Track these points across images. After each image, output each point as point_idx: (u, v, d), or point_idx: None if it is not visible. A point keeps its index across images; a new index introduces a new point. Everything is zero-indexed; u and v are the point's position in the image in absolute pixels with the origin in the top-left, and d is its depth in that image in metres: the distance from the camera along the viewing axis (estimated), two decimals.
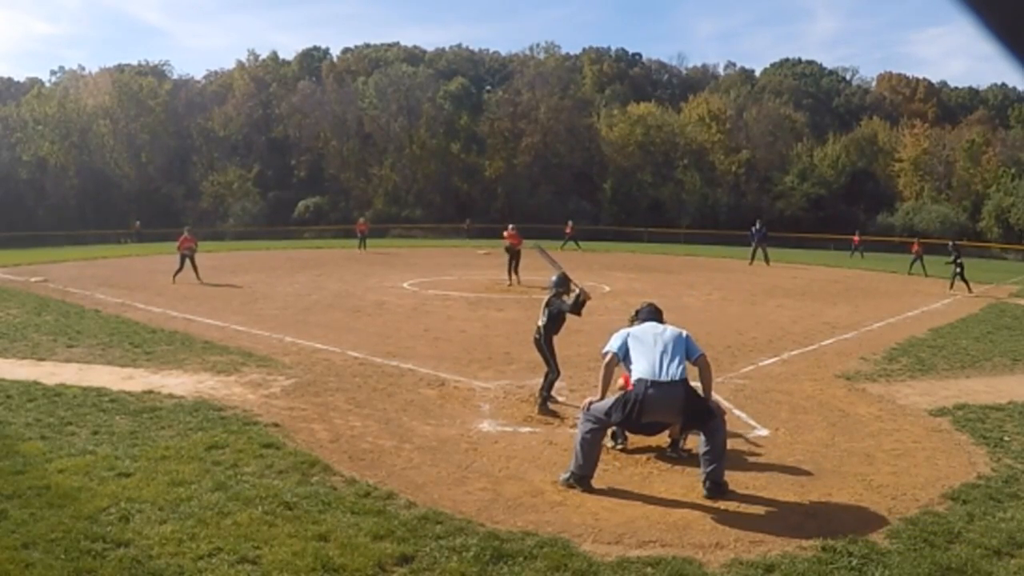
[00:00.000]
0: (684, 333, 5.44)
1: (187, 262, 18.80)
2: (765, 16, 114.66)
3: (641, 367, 5.16)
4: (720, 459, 5.08)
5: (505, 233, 19.65)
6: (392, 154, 58.03)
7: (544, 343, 7.34)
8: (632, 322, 5.84)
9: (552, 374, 7.22)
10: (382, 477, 5.21)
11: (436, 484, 5.14)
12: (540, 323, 7.43)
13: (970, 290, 19.53)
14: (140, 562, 3.78)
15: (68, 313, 12.99)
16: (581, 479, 5.15)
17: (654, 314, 5.77)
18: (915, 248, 25.45)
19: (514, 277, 18.76)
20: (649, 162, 57.38)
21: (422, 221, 53.56)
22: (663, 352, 5.19)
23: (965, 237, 47.30)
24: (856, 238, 36.84)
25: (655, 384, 5.05)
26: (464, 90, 60.80)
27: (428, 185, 57.84)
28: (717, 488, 5.01)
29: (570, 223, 36.45)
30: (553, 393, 7.29)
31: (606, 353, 5.37)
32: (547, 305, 7.41)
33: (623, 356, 5.33)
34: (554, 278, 7.52)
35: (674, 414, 5.21)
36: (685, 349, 5.31)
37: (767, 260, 27.79)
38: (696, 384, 5.35)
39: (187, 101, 60.37)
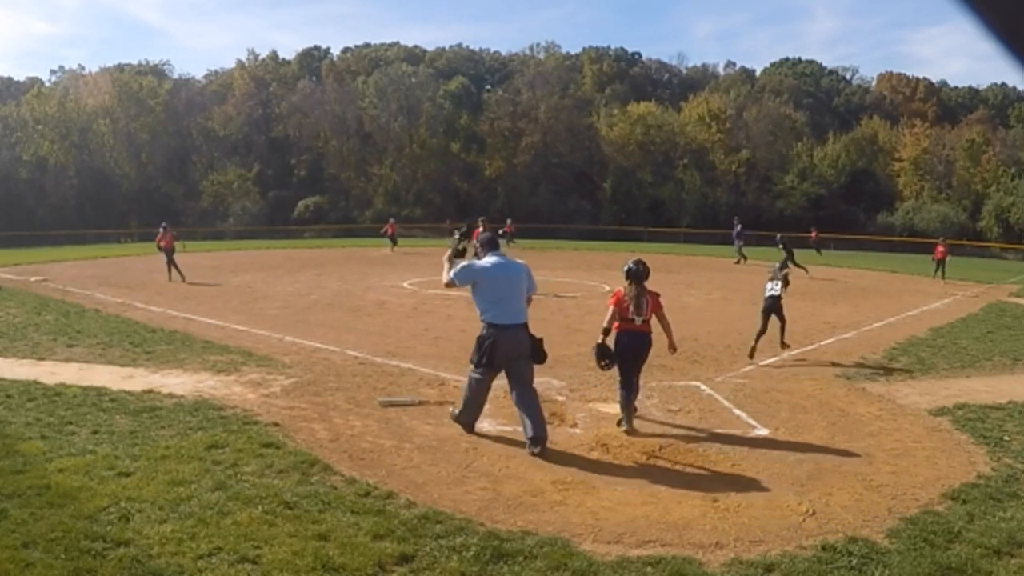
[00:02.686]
0: (525, 268, 6.09)
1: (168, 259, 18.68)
2: (764, 15, 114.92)
3: (492, 312, 5.87)
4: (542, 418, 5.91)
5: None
6: (392, 154, 58.06)
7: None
8: (476, 251, 6.33)
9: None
10: (382, 476, 5.21)
11: (436, 483, 5.14)
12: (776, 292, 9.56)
13: (806, 271, 21.68)
14: (140, 562, 3.78)
15: (68, 312, 12.99)
16: (466, 425, 6.13)
17: (494, 243, 6.26)
18: (940, 251, 23.27)
19: None
20: (649, 162, 57.38)
21: (422, 221, 53.52)
22: (509, 296, 5.89)
23: (965, 237, 47.36)
24: (814, 233, 32.74)
25: (504, 328, 5.83)
26: (464, 90, 60.80)
27: (428, 185, 57.87)
28: (541, 442, 5.75)
29: (509, 221, 32.49)
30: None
31: (450, 283, 6.09)
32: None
33: (467, 288, 6.06)
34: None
35: (523, 351, 5.92)
36: (525, 285, 6.02)
37: (743, 258, 28.08)
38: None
39: (187, 101, 60.39)
